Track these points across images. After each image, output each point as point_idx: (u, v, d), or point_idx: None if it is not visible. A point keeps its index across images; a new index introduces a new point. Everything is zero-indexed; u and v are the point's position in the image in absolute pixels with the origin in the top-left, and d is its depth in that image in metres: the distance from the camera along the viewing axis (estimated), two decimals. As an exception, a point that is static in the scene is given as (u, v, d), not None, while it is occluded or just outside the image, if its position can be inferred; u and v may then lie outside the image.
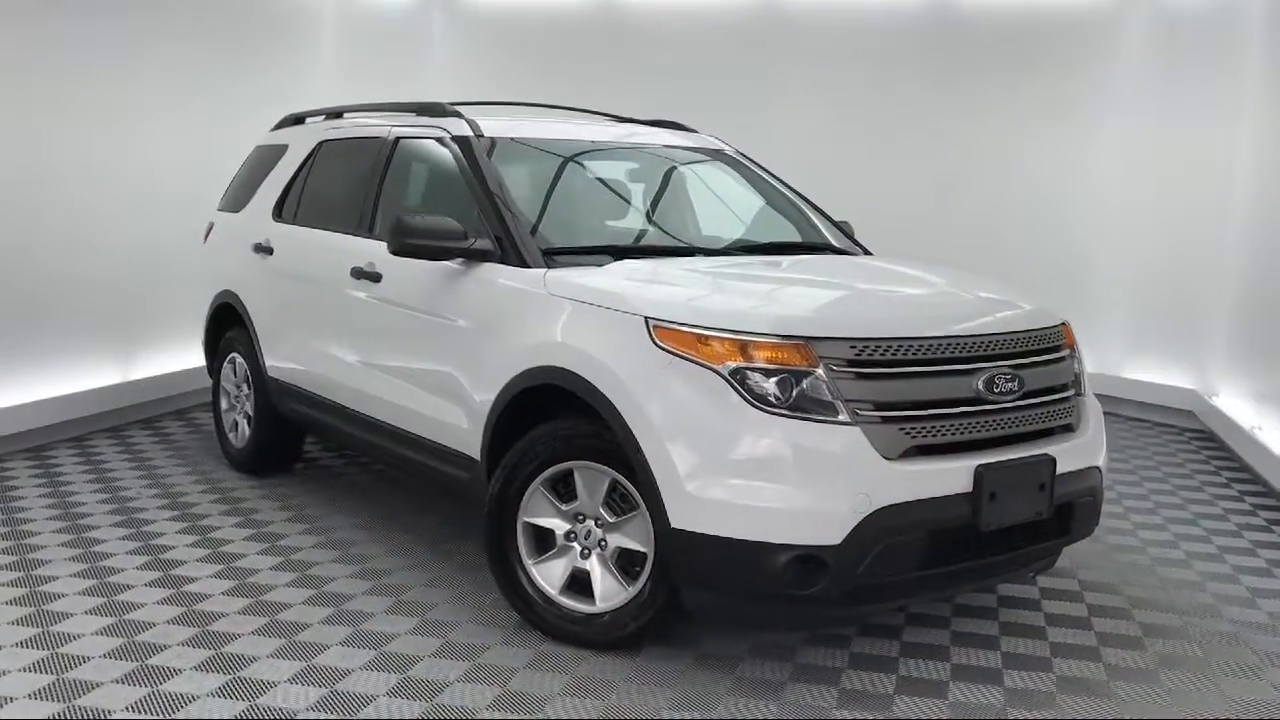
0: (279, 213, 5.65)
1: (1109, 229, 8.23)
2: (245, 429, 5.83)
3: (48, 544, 4.64)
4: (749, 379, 3.32)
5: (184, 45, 7.18)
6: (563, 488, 3.78)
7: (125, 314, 6.95)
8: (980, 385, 3.51)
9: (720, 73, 8.82)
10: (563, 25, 9.30)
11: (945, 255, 5.98)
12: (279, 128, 6.18)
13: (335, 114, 5.79)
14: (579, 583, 3.77)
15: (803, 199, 5.23)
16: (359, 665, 3.56)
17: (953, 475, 3.39)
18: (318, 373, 5.11)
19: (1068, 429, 3.79)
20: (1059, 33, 8.32)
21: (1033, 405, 3.65)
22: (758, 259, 4.50)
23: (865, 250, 4.98)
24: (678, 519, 3.35)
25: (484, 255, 4.14)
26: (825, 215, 5.16)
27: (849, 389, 3.34)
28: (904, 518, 3.31)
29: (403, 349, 4.55)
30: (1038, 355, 3.74)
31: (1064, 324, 3.99)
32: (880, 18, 8.66)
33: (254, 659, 3.59)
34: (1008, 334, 3.68)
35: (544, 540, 3.83)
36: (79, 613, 3.92)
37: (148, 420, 6.99)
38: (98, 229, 6.61)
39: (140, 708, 3.24)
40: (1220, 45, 7.53)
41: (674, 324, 3.45)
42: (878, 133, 8.65)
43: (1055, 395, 3.76)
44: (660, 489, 3.37)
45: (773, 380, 3.31)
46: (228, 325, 5.95)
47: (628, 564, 3.69)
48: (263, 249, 5.58)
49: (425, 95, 9.14)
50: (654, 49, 9.06)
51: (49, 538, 4.72)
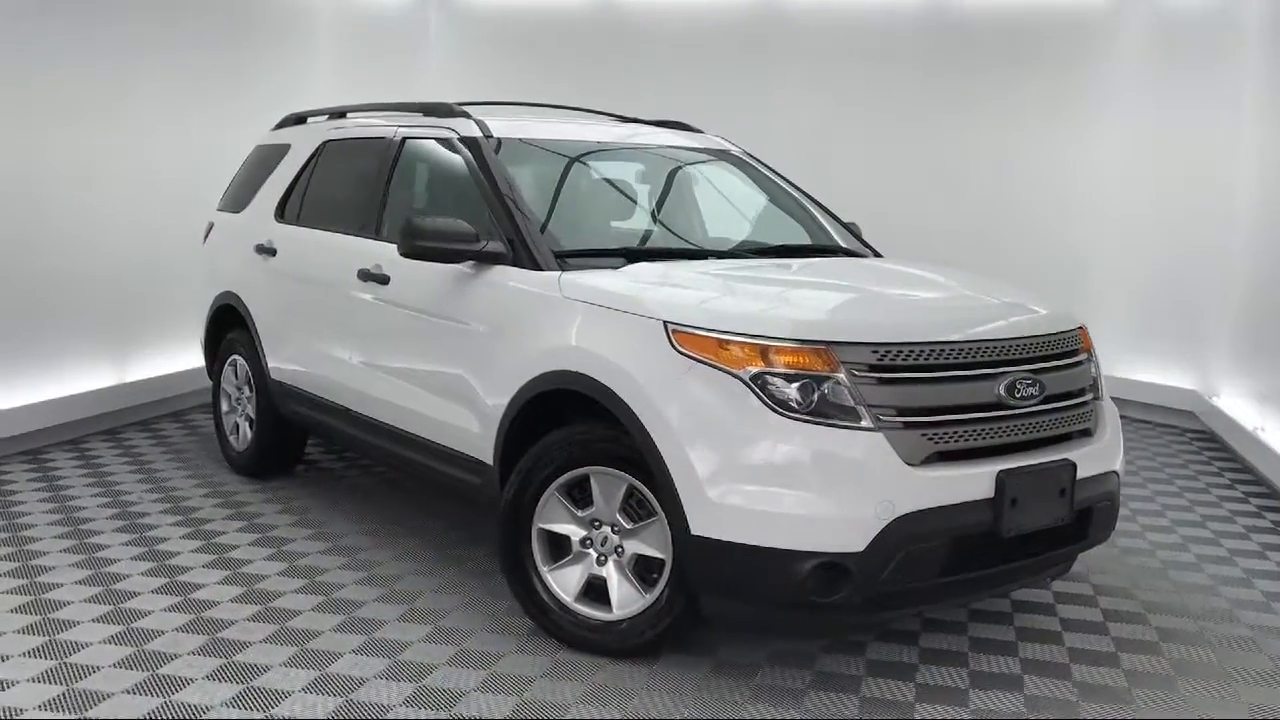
0: (281, 213, 5.58)
1: (1109, 229, 8.21)
2: (246, 431, 5.77)
3: (50, 549, 4.58)
4: (770, 384, 3.28)
5: (181, 46, 7.11)
6: (578, 493, 3.73)
7: (121, 315, 6.87)
8: (1002, 390, 3.48)
9: (718, 72, 8.78)
10: (559, 25, 9.25)
11: (944, 255, 5.94)
12: (280, 127, 6.11)
13: (338, 114, 5.72)
14: (595, 590, 3.72)
15: (810, 200, 5.19)
16: (373, 674, 3.51)
17: (975, 481, 3.36)
18: (322, 375, 5.05)
19: (1086, 434, 3.77)
20: (1058, 32, 8.29)
21: (1053, 410, 3.62)
22: (771, 261, 4.46)
23: (875, 252, 4.95)
24: (698, 526, 3.31)
25: (495, 258, 4.09)
26: (833, 216, 5.12)
27: (871, 394, 3.30)
28: (927, 524, 3.27)
29: (411, 352, 4.50)
30: (1057, 359, 3.71)
31: (1081, 327, 3.97)
32: (878, 17, 8.62)
33: (266, 668, 3.53)
34: (1028, 338, 3.65)
35: (559, 547, 3.78)
36: (85, 620, 3.86)
37: (144, 422, 6.92)
38: (94, 229, 6.54)
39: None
40: (1219, 45, 7.52)
41: (694, 328, 3.41)
42: (876, 132, 8.61)
43: (1075, 400, 3.73)
44: (680, 496, 3.32)
45: (794, 385, 3.27)
46: (228, 327, 5.88)
47: (644, 570, 3.65)
48: (265, 250, 5.51)
49: (422, 95, 9.13)
50: (651, 48, 9.02)
51: (51, 543, 4.65)
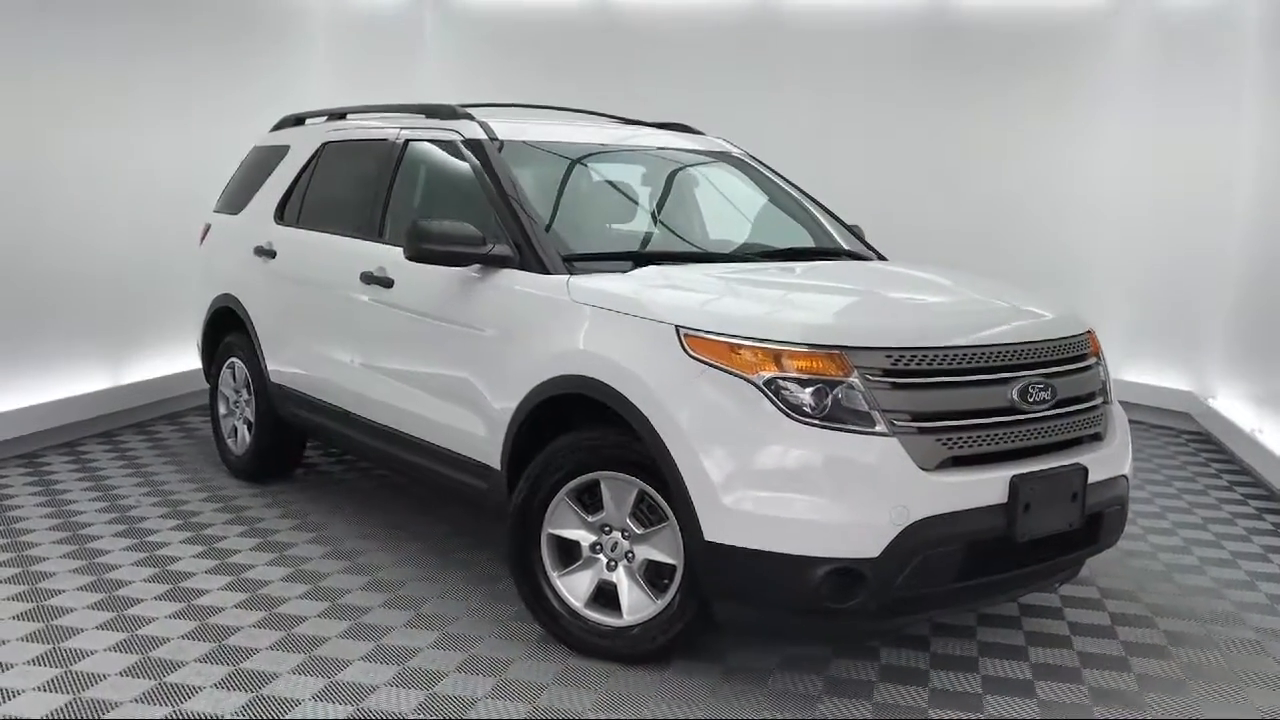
0: (281, 215, 5.53)
1: (1106, 230, 8.22)
2: (245, 435, 5.72)
3: (49, 555, 4.53)
4: (784, 389, 3.26)
5: (176, 46, 7.05)
6: (588, 498, 3.71)
7: (117, 316, 6.81)
8: (1014, 395, 3.47)
9: (715, 72, 8.75)
10: (555, 25, 9.21)
11: (942, 255, 5.94)
12: (278, 128, 6.06)
13: (338, 115, 5.67)
14: (604, 595, 3.70)
15: (813, 202, 5.18)
16: (383, 682, 3.49)
17: (989, 486, 3.35)
18: (324, 378, 5.01)
19: (1096, 438, 3.76)
20: (1056, 33, 8.30)
21: (1064, 414, 3.61)
22: (779, 265, 4.43)
23: (878, 254, 4.94)
24: (711, 532, 3.29)
25: (502, 261, 4.06)
26: (836, 218, 5.11)
27: (885, 399, 3.29)
28: (941, 530, 3.26)
29: (416, 355, 4.47)
30: (1068, 364, 3.71)
31: (1090, 331, 3.97)
32: (877, 18, 8.62)
33: (274, 676, 3.50)
34: (1040, 342, 3.64)
35: (568, 552, 3.76)
36: (89, 627, 3.82)
37: (140, 425, 6.87)
38: (89, 231, 6.49)
39: (163, 728, 3.17)
40: (1218, 45, 7.53)
41: (707, 333, 3.39)
42: (875, 133, 8.60)
43: (1085, 404, 3.73)
44: (694, 501, 3.30)
45: (808, 390, 3.26)
46: (226, 329, 5.83)
47: (654, 576, 3.63)
48: (265, 252, 5.47)
49: (417, 95, 9.09)
50: (647, 49, 8.98)
51: (50, 549, 4.61)
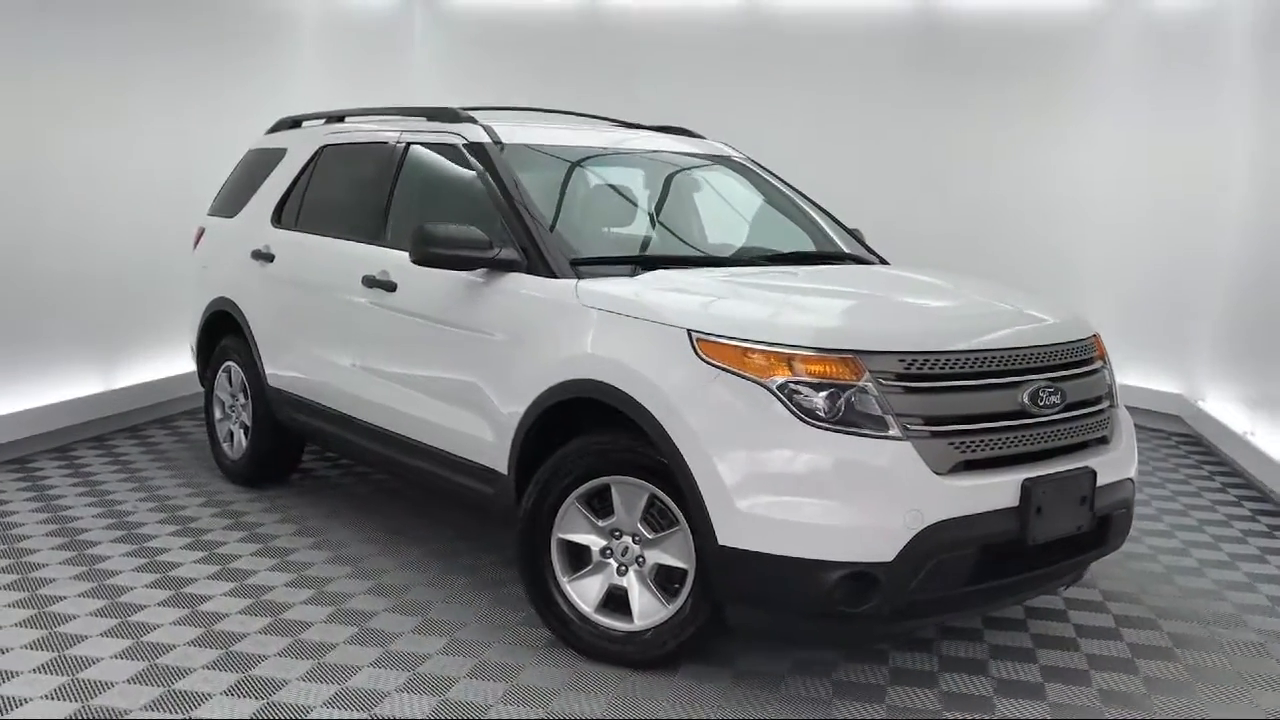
0: (278, 218, 5.50)
1: (1097, 233, 8.27)
2: (241, 440, 5.68)
3: (48, 561, 4.49)
4: (797, 393, 3.26)
5: (169, 50, 6.99)
6: (598, 503, 3.70)
7: (108, 320, 6.75)
8: (1025, 398, 3.48)
9: (706, 75, 8.76)
10: (545, 27, 9.20)
11: (933, 258, 5.94)
12: (274, 131, 6.03)
13: (336, 118, 5.64)
14: (614, 600, 3.70)
15: (813, 205, 5.19)
16: (394, 688, 3.47)
17: (1001, 490, 3.36)
18: (324, 382, 4.99)
19: (1103, 441, 3.78)
20: (1048, 37, 8.33)
21: (1073, 418, 3.63)
22: (784, 269, 4.42)
23: (880, 259, 4.95)
24: (725, 536, 3.28)
25: (509, 265, 4.05)
26: (837, 222, 5.12)
27: (898, 403, 3.29)
28: (955, 533, 3.26)
29: (420, 359, 4.44)
30: (1076, 367, 3.72)
31: (1095, 335, 3.98)
32: (869, 21, 8.65)
33: (284, 682, 3.48)
34: (1049, 346, 3.66)
35: (578, 557, 3.75)
36: (94, 634, 3.79)
37: (132, 429, 6.82)
38: (81, 234, 6.43)
39: (174, 736, 3.14)
40: (1208, 48, 7.58)
41: (719, 337, 3.38)
42: (866, 136, 8.62)
43: (1093, 408, 3.74)
44: (707, 506, 3.30)
45: (822, 394, 3.26)
46: (222, 333, 5.80)
47: (664, 580, 3.62)
48: (262, 255, 5.43)
49: (408, 96, 9.07)
50: (637, 51, 8.98)
51: (49, 555, 4.57)
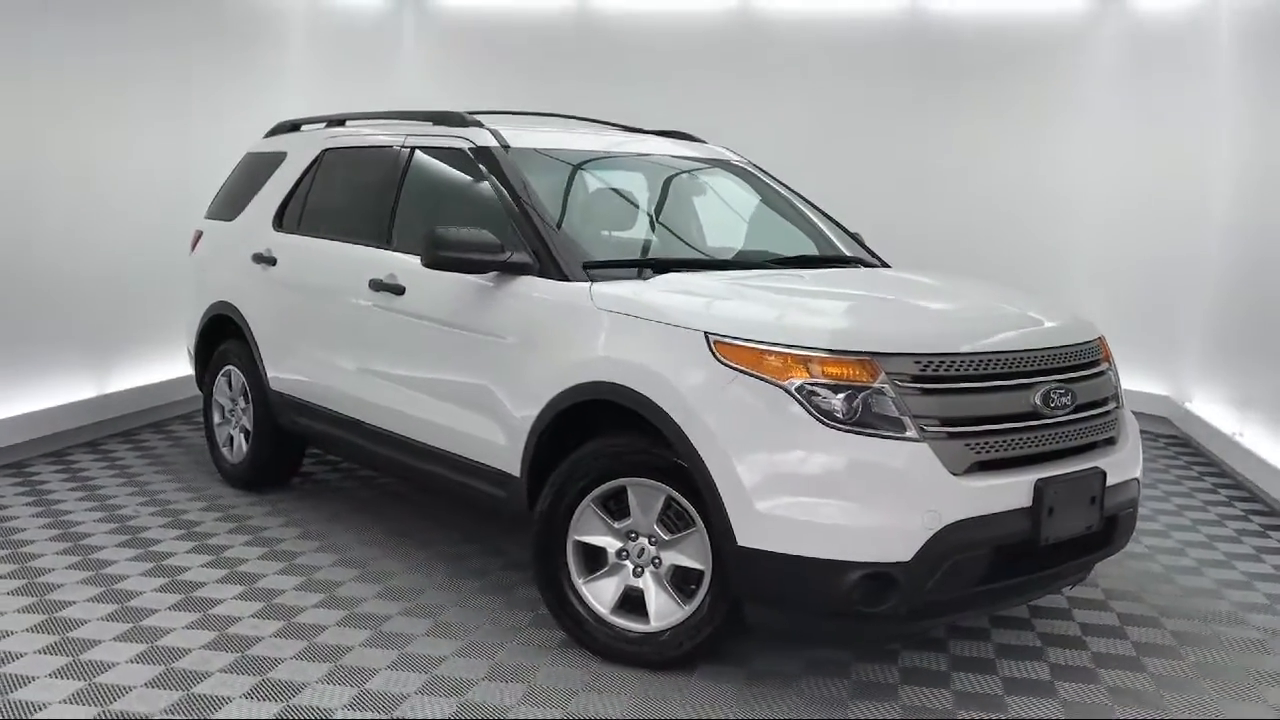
0: (280, 222, 5.49)
1: (1084, 236, 8.36)
2: (242, 444, 5.67)
3: (54, 566, 4.47)
4: (816, 395, 3.30)
5: (159, 51, 6.95)
6: (613, 505, 3.72)
7: (101, 325, 6.71)
8: (1037, 400, 3.53)
9: (696, 79, 8.81)
10: (535, 30, 9.22)
11: (923, 260, 5.96)
12: (273, 135, 6.02)
13: (337, 121, 5.64)
14: (629, 601, 3.72)
15: (815, 209, 5.23)
16: (414, 690, 3.48)
17: (1015, 490, 3.40)
18: (329, 386, 4.98)
19: (1110, 442, 3.83)
20: (1036, 41, 8.44)
21: (1083, 419, 3.68)
22: (794, 272, 4.45)
23: (882, 261, 5.00)
24: (745, 537, 3.31)
25: (521, 269, 4.07)
26: (841, 226, 5.16)
27: (914, 404, 3.33)
28: (971, 533, 3.31)
29: (429, 363, 4.45)
30: (1085, 369, 3.77)
31: (1101, 337, 4.04)
32: (859, 25, 8.71)
33: (303, 685, 3.48)
34: (1058, 348, 3.71)
35: (593, 559, 3.77)
36: (107, 639, 3.78)
37: (126, 434, 6.79)
38: (72, 237, 6.39)
39: (197, 740, 3.14)
40: (1193, 52, 7.69)
41: (737, 340, 3.41)
42: (856, 139, 8.68)
43: (1101, 409, 3.80)
44: (726, 507, 3.33)
45: (840, 396, 3.29)
46: (221, 337, 5.78)
47: (680, 581, 3.65)
48: (264, 259, 5.42)
49: (398, 98, 9.04)
50: (628, 55, 9.01)
51: (54, 560, 4.55)
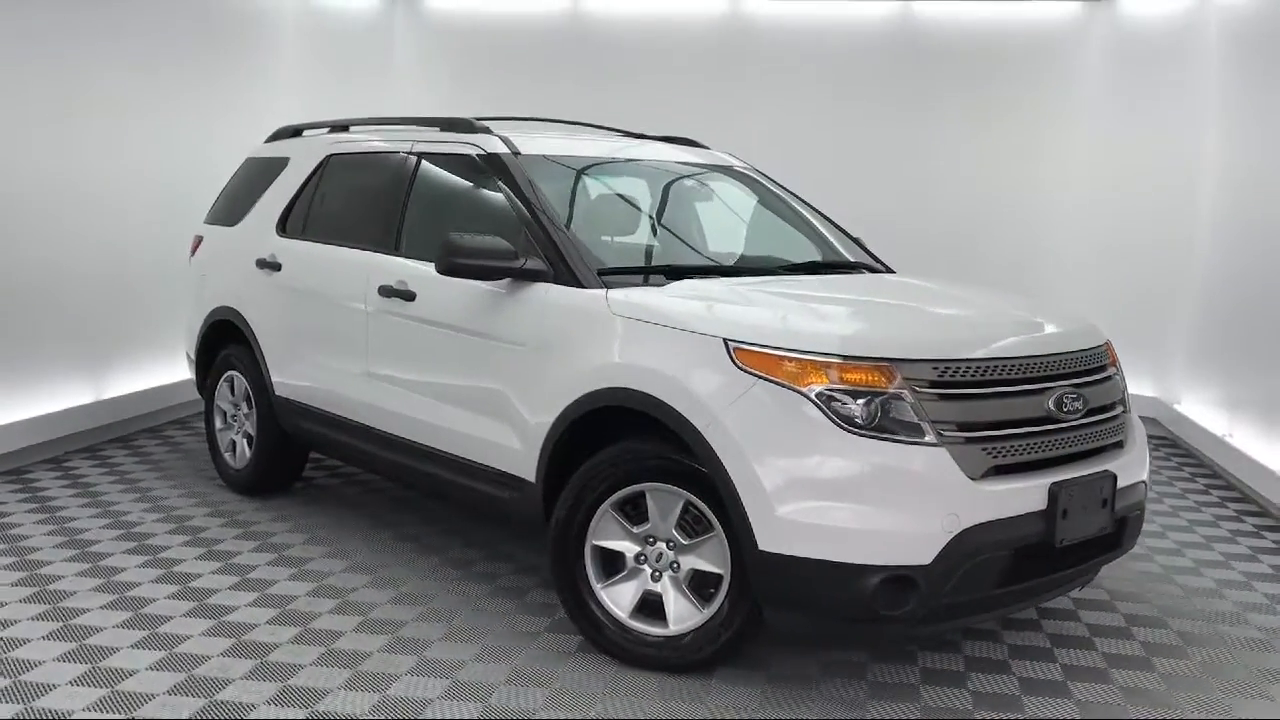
0: (283, 227, 5.49)
1: (1071, 238, 8.44)
2: (245, 449, 5.66)
3: (64, 574, 4.46)
4: (835, 400, 3.34)
5: (142, 56, 6.89)
6: (631, 510, 3.75)
7: (96, 330, 6.69)
8: (1051, 404, 3.58)
9: (688, 82, 8.84)
10: (526, 32, 9.22)
11: (913, 263, 6.00)
12: (274, 140, 6.01)
13: (340, 127, 5.65)
14: (647, 605, 3.75)
15: (818, 214, 5.27)
16: (437, 695, 3.50)
17: (1031, 494, 3.45)
18: (336, 391, 4.99)
19: (1119, 445, 3.89)
20: (1024, 45, 8.51)
21: (1094, 423, 3.74)
22: (806, 278, 4.50)
23: (886, 267, 5.05)
24: (766, 541, 3.35)
25: (535, 275, 4.09)
26: (844, 231, 5.21)
27: (932, 410, 3.38)
28: (989, 536, 3.36)
29: (441, 368, 4.46)
30: (1094, 374, 3.83)
31: (1107, 342, 4.10)
32: (849, 30, 8.77)
33: (326, 692, 3.49)
34: (1069, 353, 3.76)
35: (611, 563, 3.80)
36: (125, 646, 3.78)
37: (123, 439, 6.77)
38: (62, 243, 6.34)
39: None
40: (1180, 57, 7.79)
41: (756, 346, 3.45)
42: (845, 142, 8.74)
43: (1110, 413, 3.86)
44: (748, 512, 3.36)
45: (859, 402, 3.33)
46: (223, 342, 5.78)
47: (699, 585, 3.68)
48: (268, 264, 5.42)
49: (388, 101, 9.08)
50: (618, 57, 9.03)
51: (63, 567, 4.54)
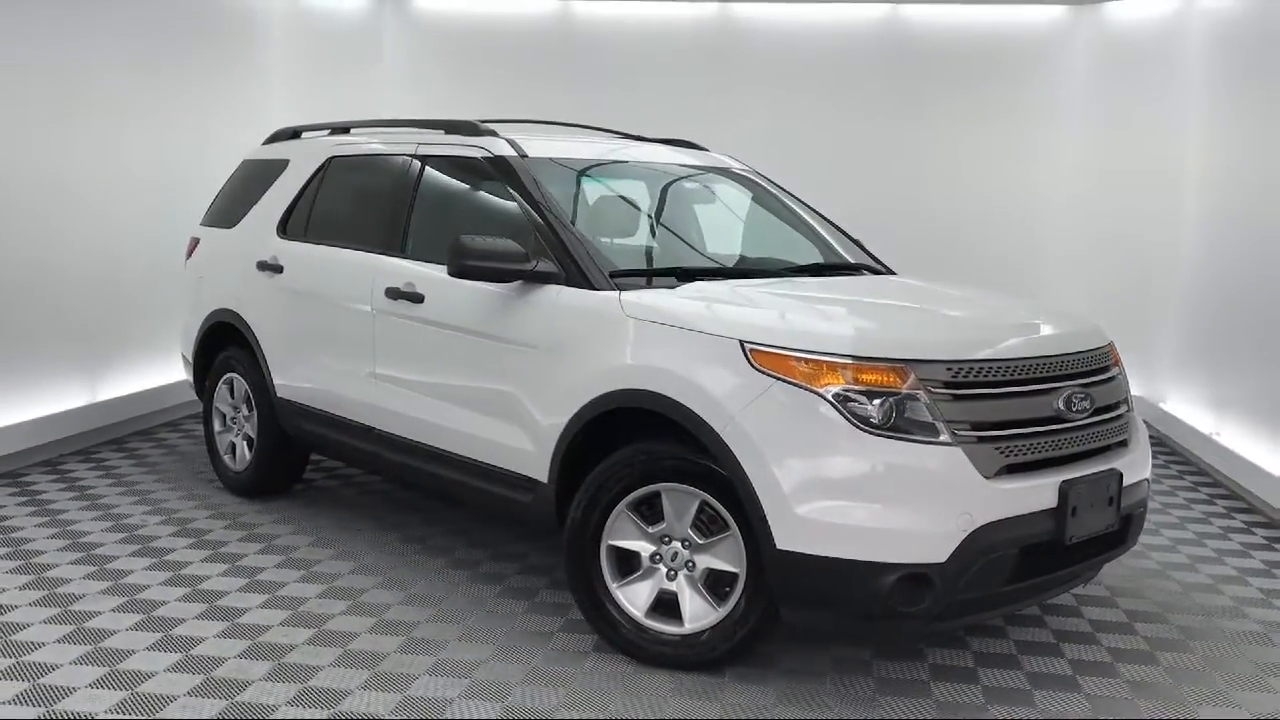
0: (284, 229, 5.49)
1: (1057, 239, 8.55)
2: (245, 451, 5.66)
3: (71, 577, 4.46)
4: (852, 401, 3.38)
5: (132, 57, 6.86)
6: (646, 509, 3.79)
7: (89, 332, 6.66)
8: (1060, 404, 3.65)
9: (677, 83, 8.89)
10: (515, 33, 9.24)
11: (902, 264, 6.08)
12: (272, 141, 6.01)
13: (341, 129, 5.65)
14: (662, 604, 3.79)
15: (819, 216, 5.32)
16: (457, 695, 3.52)
17: (1041, 492, 3.51)
18: (340, 393, 4.99)
19: (1123, 444, 3.96)
20: (1011, 48, 8.63)
21: (1100, 422, 3.80)
22: (814, 280, 4.54)
23: (888, 269, 5.10)
24: (784, 540, 3.39)
25: (547, 278, 4.12)
26: (844, 233, 5.26)
27: (946, 410, 3.43)
28: (1002, 534, 3.41)
29: (451, 371, 4.48)
30: (1099, 373, 3.91)
31: (1111, 343, 4.17)
32: (837, 33, 8.84)
33: (346, 692, 3.51)
34: (1076, 353, 3.83)
35: (626, 563, 3.84)
36: (140, 649, 3.78)
37: (117, 441, 6.75)
38: (54, 244, 6.32)
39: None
40: (1165, 60, 7.90)
41: (773, 347, 3.49)
42: (834, 144, 8.81)
43: (1115, 412, 3.93)
44: (766, 511, 3.40)
45: (876, 402, 3.38)
46: (222, 344, 5.77)
47: (714, 584, 3.72)
48: (269, 266, 5.41)
49: (376, 102, 9.08)
50: (606, 59, 9.08)
51: (69, 570, 4.53)
